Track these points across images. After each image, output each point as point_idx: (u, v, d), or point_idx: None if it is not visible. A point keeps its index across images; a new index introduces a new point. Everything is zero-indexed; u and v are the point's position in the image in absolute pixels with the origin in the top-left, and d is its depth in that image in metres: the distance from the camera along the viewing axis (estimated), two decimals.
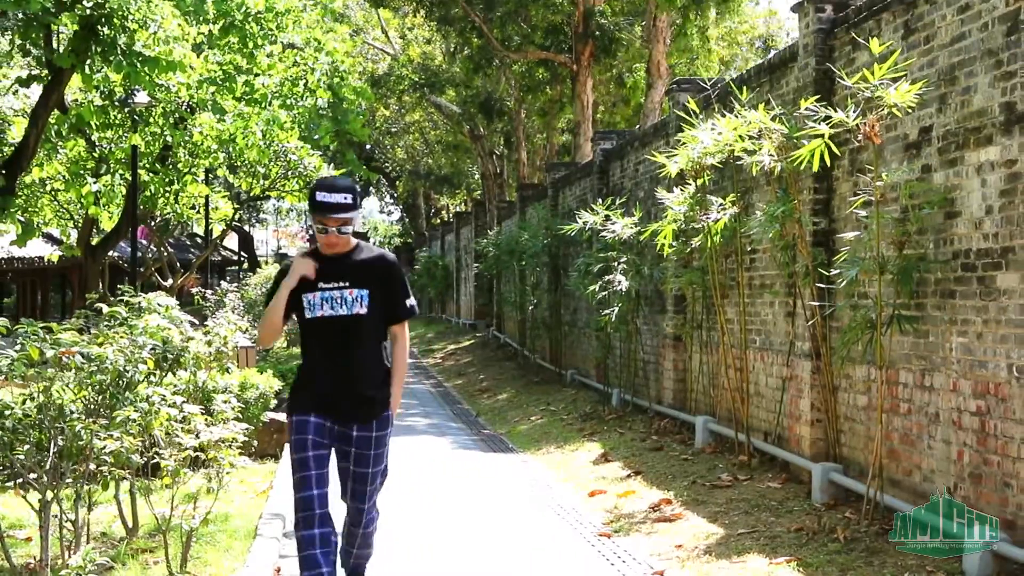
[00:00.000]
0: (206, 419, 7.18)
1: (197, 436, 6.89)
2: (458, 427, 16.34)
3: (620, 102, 30.80)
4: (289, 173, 24.85)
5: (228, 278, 32.92)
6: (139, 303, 7.61)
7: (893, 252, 8.22)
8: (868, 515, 8.19)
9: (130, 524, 7.87)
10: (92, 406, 6.55)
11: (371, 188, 64.94)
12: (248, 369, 12.75)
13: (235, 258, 47.40)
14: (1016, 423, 6.96)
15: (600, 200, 16.36)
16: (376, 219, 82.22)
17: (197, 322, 13.02)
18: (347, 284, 6.02)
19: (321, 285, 6.02)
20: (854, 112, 8.18)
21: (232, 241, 52.26)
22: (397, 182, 55.93)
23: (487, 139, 36.36)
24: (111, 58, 12.85)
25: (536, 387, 20.10)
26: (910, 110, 8.18)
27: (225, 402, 9.07)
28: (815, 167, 8.46)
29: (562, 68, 27.63)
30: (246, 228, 60.87)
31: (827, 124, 8.25)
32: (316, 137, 23.01)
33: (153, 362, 7.18)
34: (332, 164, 30.68)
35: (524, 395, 19.35)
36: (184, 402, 7.13)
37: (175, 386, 10.66)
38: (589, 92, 26.01)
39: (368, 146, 51.66)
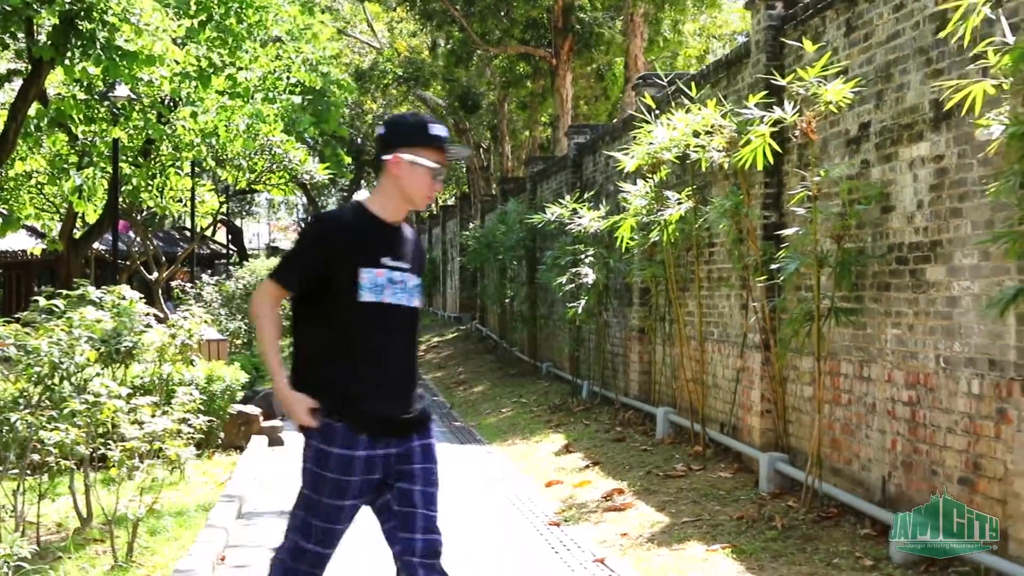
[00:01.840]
0: (153, 410, 7.32)
1: (141, 427, 7.03)
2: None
3: (601, 96, 30.96)
4: (274, 166, 25.00)
5: (210, 271, 33.01)
6: (78, 296, 7.74)
7: (833, 246, 8.37)
8: (807, 503, 8.36)
9: (84, 515, 8.01)
10: (31, 398, 6.70)
11: (362, 182, 65.10)
12: (216, 362, 12.88)
13: (224, 251, 47.52)
14: (943, 412, 7.13)
15: (580, 193, 16.52)
16: None
17: (162, 315, 13.19)
18: (409, 267, 4.58)
19: (387, 261, 4.50)
20: (793, 109, 8.34)
21: (223, 235, 52.40)
22: None
23: (473, 133, 36.48)
24: (90, 52, 12.99)
25: (512, 379, 20.27)
26: (849, 106, 8.35)
27: (186, 394, 9.25)
28: (759, 165, 8.61)
29: (542, 62, 27.78)
30: (236, 221, 61.03)
31: (767, 122, 8.40)
32: (300, 130, 23.17)
33: (96, 354, 7.30)
34: (318, 158, 30.92)
35: (499, 387, 19.51)
36: (131, 393, 7.27)
37: (140, 378, 10.88)
38: (568, 86, 26.15)
39: (359, 140, 51.77)
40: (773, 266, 8.88)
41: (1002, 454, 6.43)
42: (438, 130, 4.55)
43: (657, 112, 11.32)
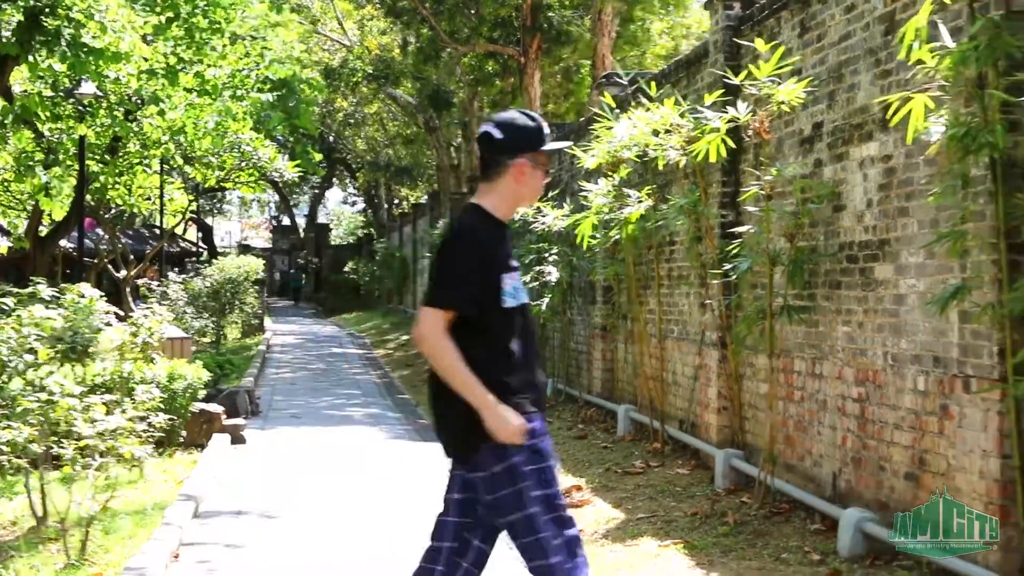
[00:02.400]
0: (106, 408, 7.32)
1: (94, 425, 7.04)
2: (395, 417, 16.52)
3: (570, 95, 31.02)
4: (243, 164, 24.96)
5: (176, 270, 32.98)
6: (28, 294, 7.74)
7: (786, 244, 8.46)
8: (759, 499, 8.45)
9: (39, 513, 8.00)
10: None
11: (334, 179, 65.06)
12: (177, 360, 12.87)
13: (194, 249, 47.37)
14: (890, 409, 7.22)
15: (544, 192, 16.55)
16: (341, 209, 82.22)
17: (125, 314, 13.18)
18: (519, 266, 4.68)
19: (512, 263, 4.55)
20: (746, 109, 8.42)
21: (194, 233, 52.23)
22: (358, 173, 56.00)
23: (443, 131, 36.49)
24: (55, 48, 12.96)
25: None
26: (803, 106, 8.45)
27: (146, 392, 9.25)
28: (712, 158, 8.71)
29: (511, 61, 27.83)
30: (208, 219, 60.79)
31: (722, 121, 8.49)
32: (270, 128, 23.13)
33: (47, 352, 7.30)
34: (288, 156, 30.87)
35: None
36: (85, 392, 7.27)
37: (101, 376, 10.87)
38: (537, 85, 26.21)
39: (331, 138, 51.71)
40: (727, 264, 8.96)
41: (945, 449, 6.53)
42: (548, 130, 4.63)
43: (618, 112, 11.38)
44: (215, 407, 13.00)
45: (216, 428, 12.72)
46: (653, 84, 10.78)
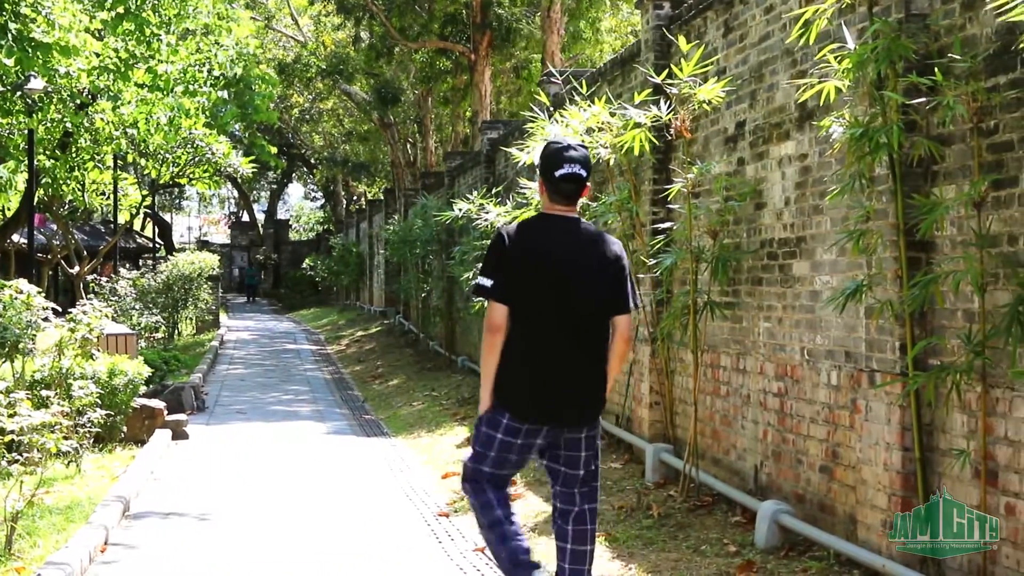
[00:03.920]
0: (31, 403, 7.36)
1: (21, 419, 7.08)
2: (342, 412, 16.59)
3: (522, 91, 31.09)
4: (197, 160, 24.90)
5: (128, 265, 32.81)
6: None
7: (710, 241, 8.60)
8: (684, 492, 8.59)
9: None
10: None
11: (293, 174, 64.89)
12: (119, 356, 12.86)
13: (151, 245, 47.10)
14: (807, 403, 7.38)
15: (487, 189, 16.65)
16: (302, 204, 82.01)
17: (60, 309, 13.18)
18: None
19: None
20: (668, 108, 8.55)
21: (152, 229, 51.92)
22: (316, 169, 55.91)
23: (398, 127, 36.48)
24: (2, 43, 12.90)
25: (428, 373, 20.40)
26: (727, 105, 8.60)
27: (82, 388, 9.27)
28: (636, 151, 8.81)
29: (462, 58, 27.90)
30: (166, 215, 60.43)
31: (647, 117, 8.61)
32: (223, 123, 23.08)
33: None
34: (242, 151, 30.76)
35: (414, 381, 19.64)
36: (9, 388, 7.31)
37: (40, 372, 10.88)
38: (487, 82, 26.29)
39: (289, 135, 51.60)
40: (651, 261, 9.09)
41: (854, 443, 6.68)
42: None
43: (551, 109, 11.48)
44: (157, 403, 13.02)
45: (158, 424, 12.74)
46: (584, 82, 10.86)
